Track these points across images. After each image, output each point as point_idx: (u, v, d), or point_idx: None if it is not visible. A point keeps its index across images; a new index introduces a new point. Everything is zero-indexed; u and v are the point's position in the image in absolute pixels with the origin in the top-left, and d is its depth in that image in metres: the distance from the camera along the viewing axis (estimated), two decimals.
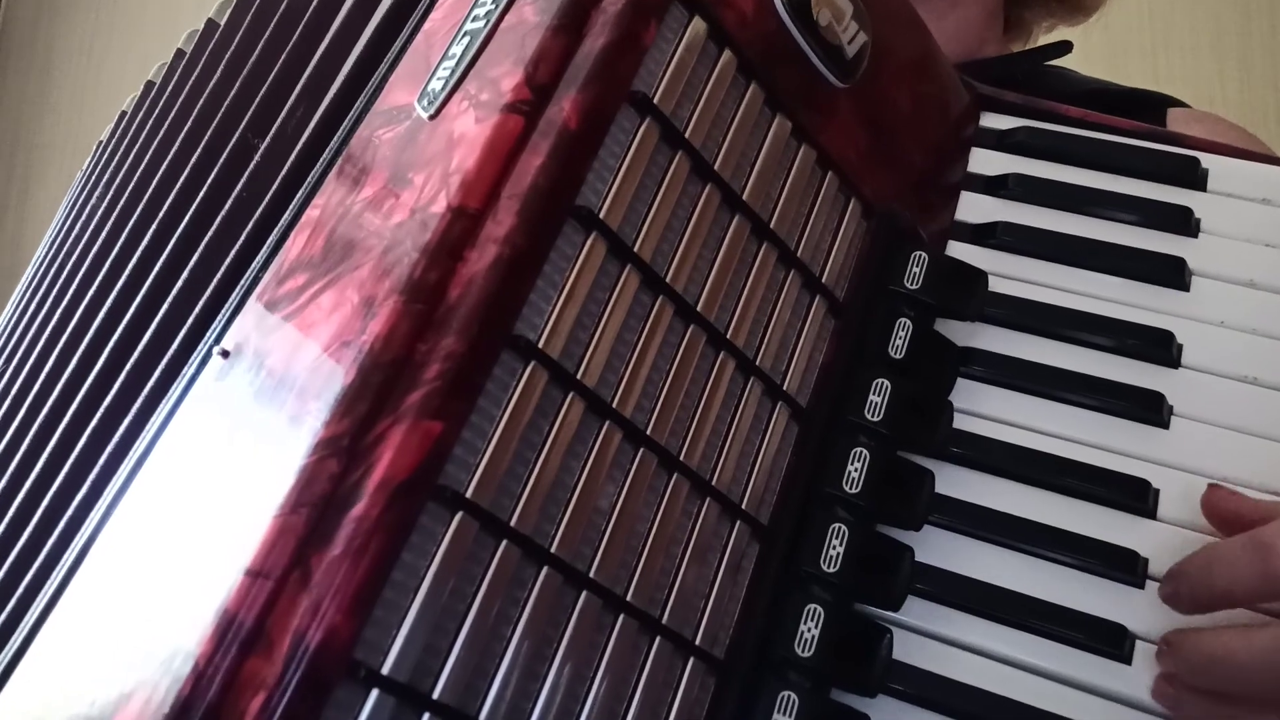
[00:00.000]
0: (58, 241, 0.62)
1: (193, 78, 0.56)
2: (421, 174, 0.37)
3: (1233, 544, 0.39)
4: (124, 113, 0.67)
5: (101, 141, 0.67)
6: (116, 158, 0.60)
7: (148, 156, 0.54)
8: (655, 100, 0.39)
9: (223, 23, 0.58)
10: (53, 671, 0.35)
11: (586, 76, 0.38)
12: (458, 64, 0.40)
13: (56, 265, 0.60)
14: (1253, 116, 1.51)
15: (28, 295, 0.63)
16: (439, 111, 0.39)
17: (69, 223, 0.62)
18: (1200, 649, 0.39)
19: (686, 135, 0.40)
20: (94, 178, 0.62)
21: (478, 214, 0.35)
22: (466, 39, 0.41)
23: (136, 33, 2.40)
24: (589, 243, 0.37)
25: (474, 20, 0.41)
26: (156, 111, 0.58)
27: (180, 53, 0.63)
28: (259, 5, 0.54)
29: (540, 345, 0.35)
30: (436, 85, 0.40)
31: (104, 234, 0.54)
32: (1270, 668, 0.36)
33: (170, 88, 0.60)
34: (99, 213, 0.57)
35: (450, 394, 0.33)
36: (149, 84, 0.65)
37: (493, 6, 0.41)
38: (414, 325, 0.34)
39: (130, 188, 0.54)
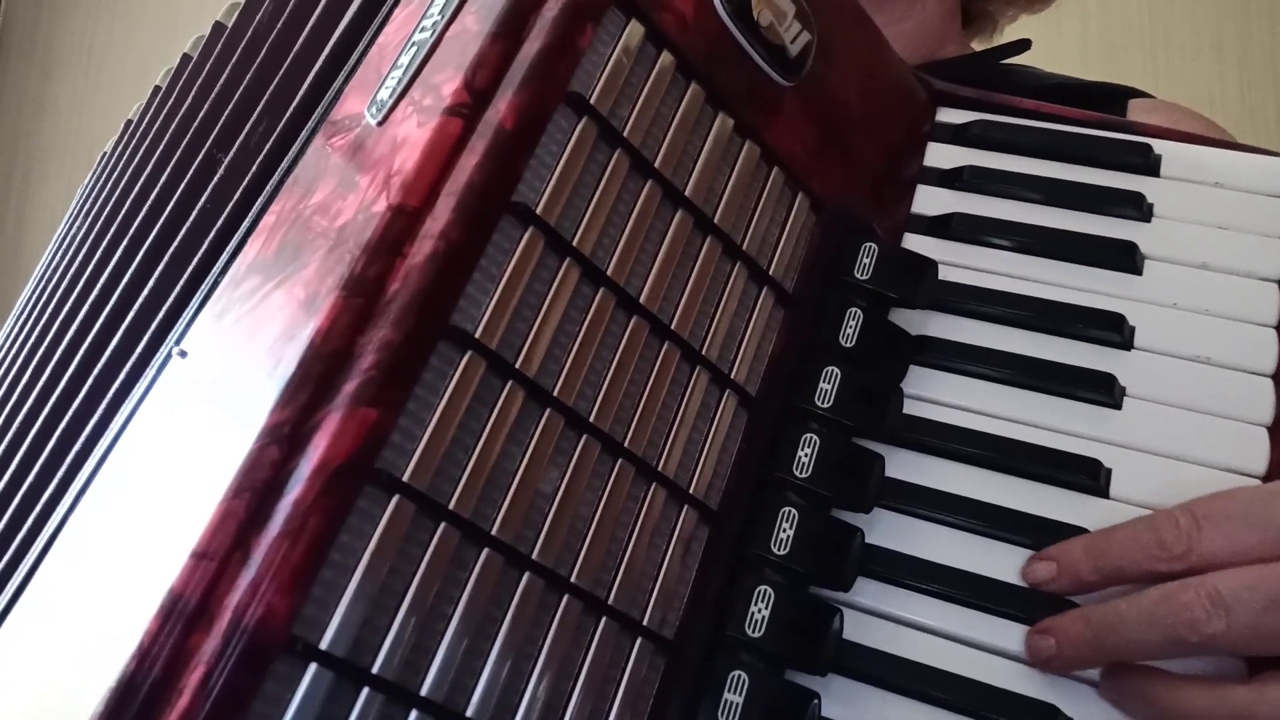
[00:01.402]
0: (54, 256, 0.65)
1: (172, 98, 0.59)
2: (367, 177, 0.39)
3: (1121, 530, 0.42)
4: (128, 121, 0.70)
5: (104, 152, 0.70)
6: (109, 172, 0.62)
7: (126, 177, 0.57)
8: (592, 100, 0.41)
9: (197, 51, 0.60)
10: (19, 659, 0.37)
11: (523, 79, 0.39)
12: (405, 73, 0.42)
13: (50, 278, 0.62)
14: (1253, 116, 1.51)
15: (26, 308, 0.66)
16: (386, 118, 0.41)
17: (65, 239, 0.65)
18: (1091, 617, 0.40)
19: (625, 133, 0.41)
20: (91, 190, 0.65)
21: (416, 211, 0.37)
22: (414, 49, 0.42)
23: (136, 33, 2.43)
24: (525, 237, 0.38)
25: (421, 31, 0.43)
26: (142, 130, 0.61)
27: (173, 71, 0.65)
28: (230, 31, 0.57)
29: (477, 335, 0.36)
30: (385, 94, 0.42)
31: (85, 249, 0.57)
32: (1156, 621, 0.37)
33: (149, 114, 0.62)
34: (86, 230, 0.59)
35: (386, 382, 0.34)
36: (155, 89, 0.67)
37: (439, 18, 0.43)
38: (353, 318, 0.35)
39: (111, 204, 0.56)
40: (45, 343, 0.54)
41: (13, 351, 0.60)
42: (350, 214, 0.38)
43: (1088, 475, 0.45)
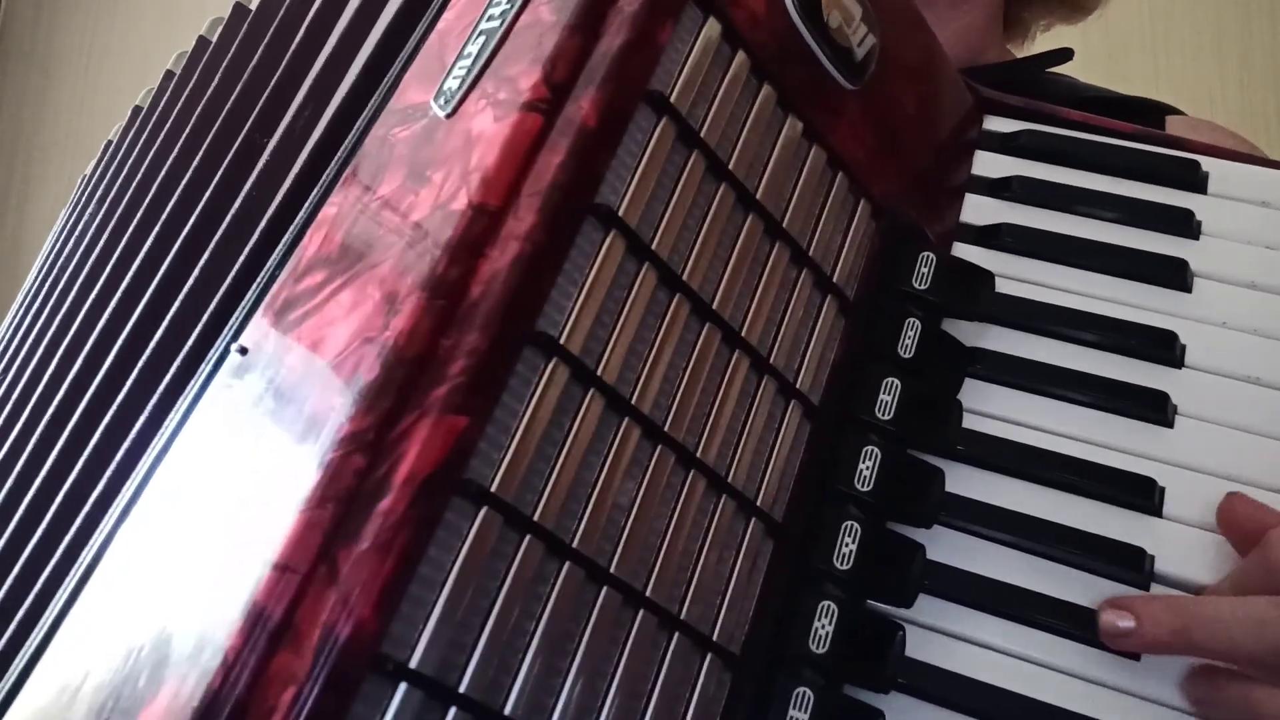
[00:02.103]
0: (61, 242, 0.62)
1: (192, 81, 0.57)
2: (440, 171, 0.38)
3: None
4: (136, 108, 0.67)
5: (110, 141, 0.67)
6: (121, 159, 0.60)
7: (150, 157, 0.54)
8: (672, 99, 0.39)
9: (219, 30, 0.58)
10: (76, 665, 0.35)
11: (604, 75, 0.38)
12: (474, 62, 0.40)
13: (60, 265, 0.59)
14: (1253, 116, 1.53)
15: (30, 296, 0.63)
16: (456, 110, 0.39)
17: (74, 222, 0.62)
18: (1187, 608, 0.39)
19: (702, 135, 0.40)
20: (100, 178, 0.62)
21: (498, 211, 0.36)
22: (482, 38, 0.41)
23: (136, 33, 2.39)
24: (608, 240, 0.37)
25: (489, 20, 0.41)
26: (159, 115, 0.59)
27: (190, 51, 0.63)
28: (257, 11, 0.55)
29: (561, 342, 0.35)
30: (453, 84, 0.40)
31: (107, 233, 0.54)
32: (1264, 628, 0.37)
33: (170, 92, 0.60)
34: (103, 213, 0.57)
35: (474, 389, 0.33)
36: (167, 74, 0.65)
37: (508, 6, 0.41)
38: (437, 321, 0.34)
39: (133, 188, 0.54)
40: (72, 332, 0.52)
41: (29, 336, 0.57)
42: (425, 210, 0.37)
43: (1142, 494, 0.45)
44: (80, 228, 0.61)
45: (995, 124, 0.55)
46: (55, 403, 0.49)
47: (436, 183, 0.37)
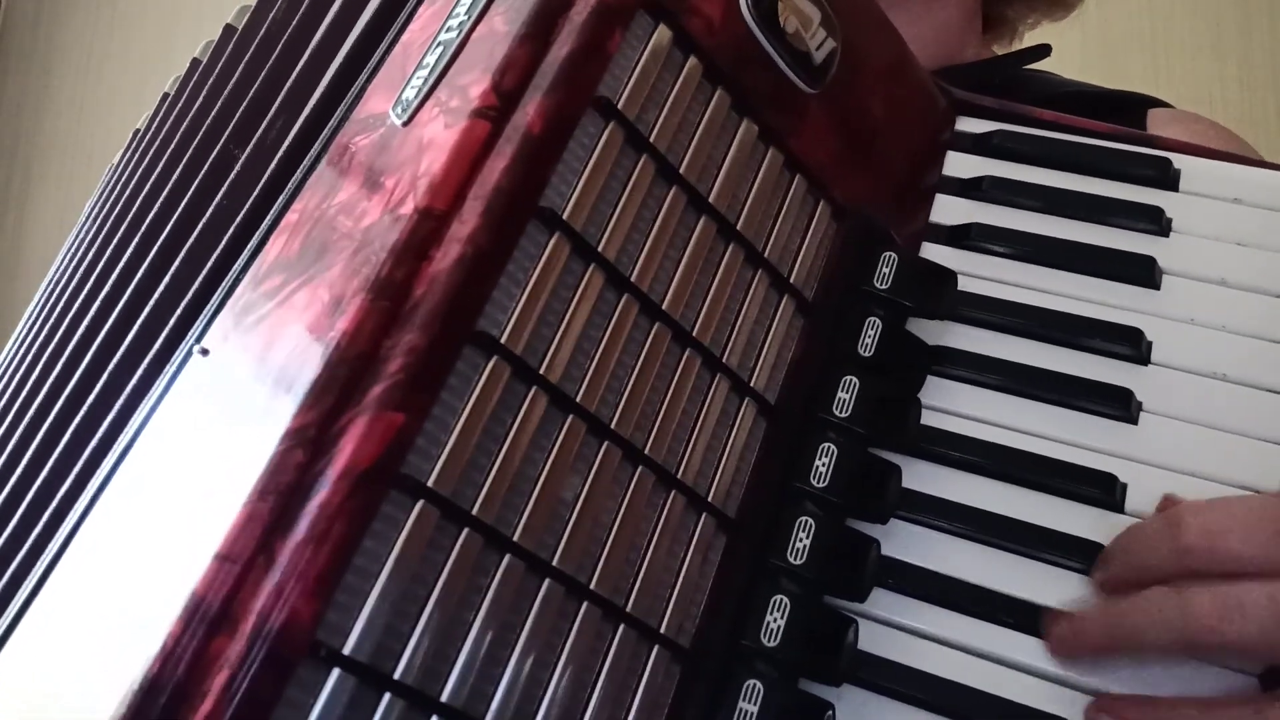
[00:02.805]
0: (66, 259, 0.65)
1: (180, 102, 0.59)
2: (393, 178, 0.39)
3: (1148, 522, 0.42)
4: (136, 131, 0.70)
5: (112, 165, 0.70)
6: (116, 184, 0.62)
7: (135, 179, 0.56)
8: (619, 105, 0.40)
9: (206, 56, 0.60)
10: (36, 657, 0.37)
11: (551, 82, 0.39)
12: (430, 72, 0.41)
13: (61, 280, 0.62)
14: (1253, 116, 1.51)
15: (39, 309, 0.65)
16: (412, 118, 0.41)
17: (77, 243, 0.64)
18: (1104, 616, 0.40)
19: (651, 139, 0.41)
20: (98, 205, 0.65)
21: (444, 215, 0.37)
22: (440, 49, 0.42)
23: (136, 33, 2.43)
24: (552, 242, 0.38)
25: (448, 31, 0.43)
26: (150, 136, 0.61)
27: (182, 78, 0.65)
28: (241, 32, 0.57)
29: (502, 340, 0.36)
30: (410, 93, 0.41)
31: (95, 250, 0.56)
32: (1169, 621, 0.38)
33: (157, 120, 0.62)
34: (97, 231, 0.59)
35: (412, 387, 0.34)
36: (163, 96, 0.67)
37: (465, 18, 0.42)
38: (379, 321, 0.35)
39: (121, 205, 0.56)
40: (55, 341, 0.54)
41: (24, 351, 0.60)
42: (376, 215, 0.38)
43: (1103, 490, 0.45)
44: (84, 242, 0.63)
45: (968, 124, 0.56)
46: (34, 406, 0.51)
47: (388, 188, 0.39)
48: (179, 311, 0.44)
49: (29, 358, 0.57)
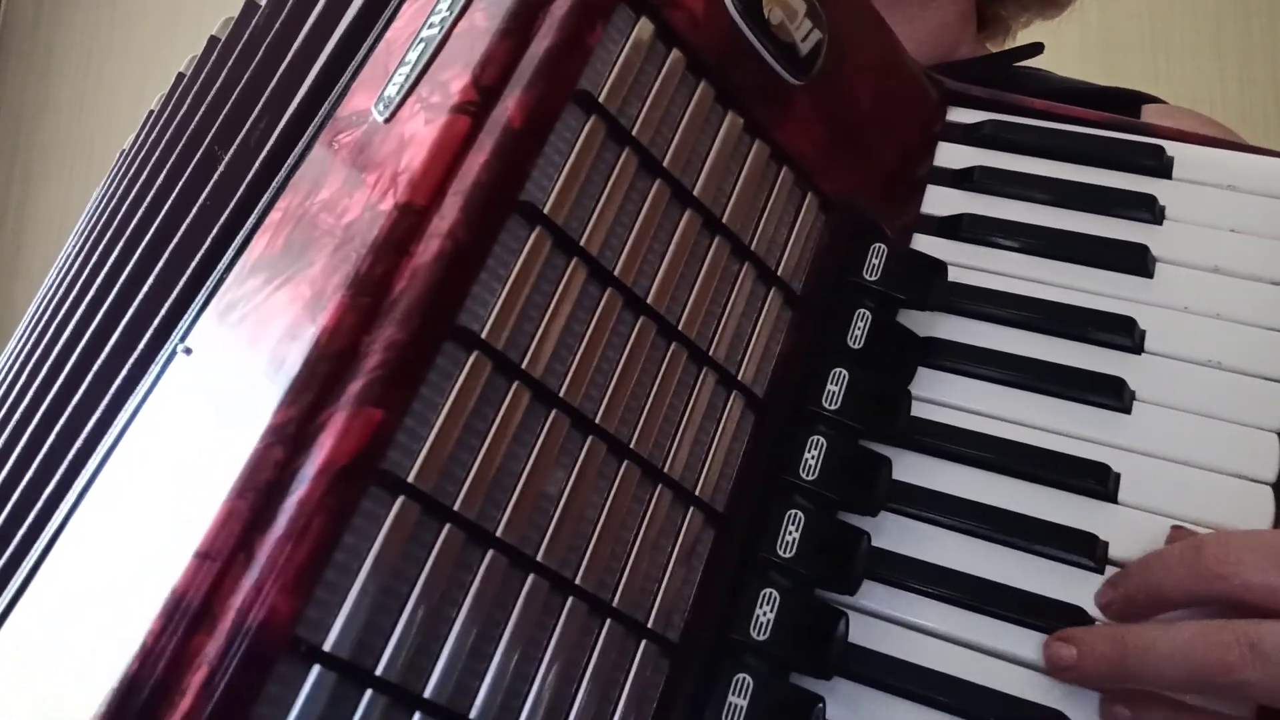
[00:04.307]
0: (61, 266, 0.65)
1: (167, 111, 0.59)
2: (374, 174, 0.39)
3: (1170, 548, 0.41)
4: (122, 152, 0.70)
5: (101, 187, 0.70)
6: (109, 197, 0.63)
7: (124, 185, 0.57)
8: (600, 99, 0.40)
9: (194, 63, 0.61)
10: (17, 656, 0.37)
11: (531, 77, 0.39)
12: (412, 69, 0.41)
13: (55, 286, 0.62)
14: (1253, 116, 1.50)
15: (34, 316, 0.66)
16: (393, 115, 0.41)
17: (71, 252, 0.65)
18: (1123, 639, 0.39)
19: (633, 132, 0.41)
20: (95, 210, 0.65)
21: (424, 210, 0.37)
22: (422, 45, 0.42)
23: (136, 33, 2.44)
24: (533, 236, 0.38)
25: (430, 27, 0.42)
26: (137, 146, 0.61)
27: (179, 75, 0.65)
28: (224, 41, 0.57)
29: (483, 336, 0.36)
30: (392, 90, 0.41)
31: (84, 254, 0.57)
32: (1188, 656, 0.37)
33: (144, 134, 0.63)
34: (89, 239, 0.60)
35: (391, 382, 0.34)
36: (146, 118, 0.67)
37: (448, 14, 0.42)
38: (359, 318, 0.35)
39: (109, 212, 0.56)
40: (45, 341, 0.54)
41: (22, 352, 0.60)
42: (357, 212, 0.38)
43: (1096, 480, 0.45)
44: (77, 250, 0.63)
45: (959, 115, 0.56)
46: (24, 405, 0.51)
47: (369, 184, 0.39)
48: (164, 311, 0.44)
49: (25, 358, 0.57)
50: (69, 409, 0.46)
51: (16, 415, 0.52)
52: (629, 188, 0.41)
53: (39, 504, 0.43)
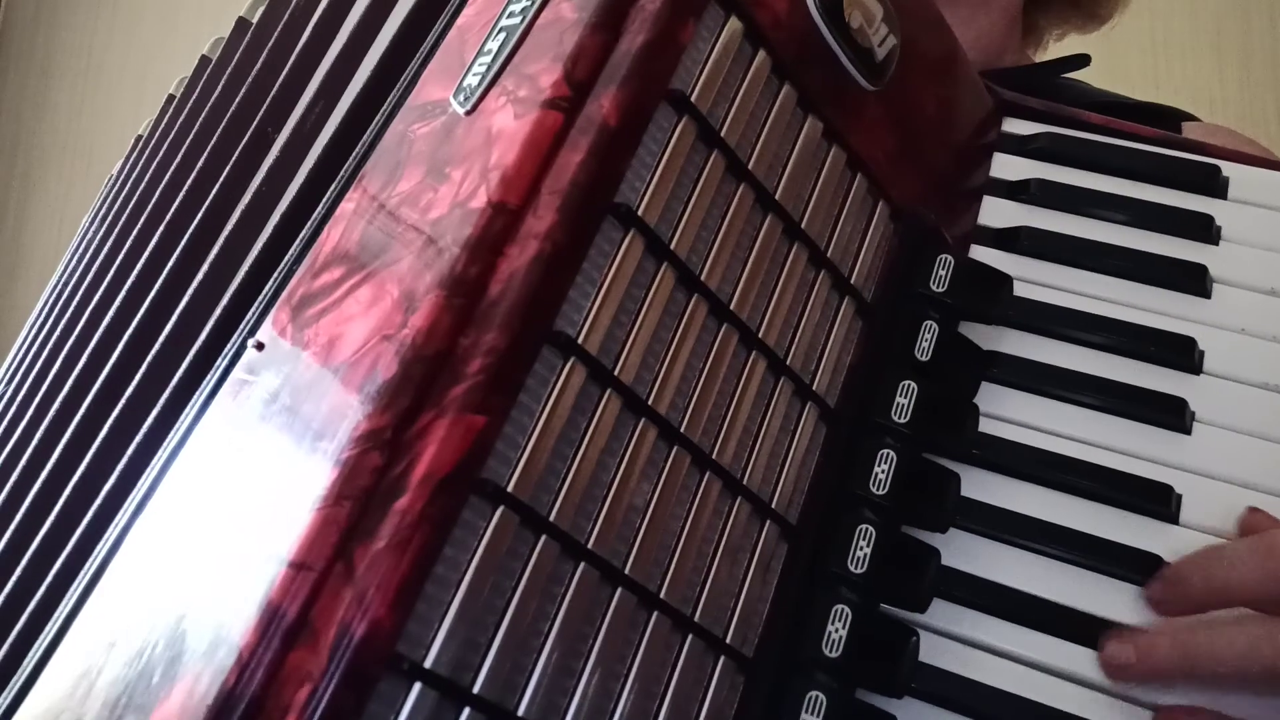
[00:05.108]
0: (79, 249, 0.62)
1: (195, 94, 0.57)
2: (460, 169, 0.37)
3: (1239, 543, 0.41)
4: (138, 137, 0.67)
5: (115, 171, 0.67)
6: (128, 183, 0.60)
7: (149, 175, 0.54)
8: (693, 99, 0.39)
9: (217, 53, 0.58)
10: (90, 661, 0.35)
11: (625, 74, 0.38)
12: (494, 59, 0.40)
13: (79, 270, 0.59)
14: (1253, 116, 1.52)
15: (49, 301, 0.63)
16: (476, 107, 0.39)
17: (89, 232, 0.62)
18: (1184, 638, 0.39)
19: (722, 134, 0.40)
20: (105, 204, 0.62)
21: (518, 209, 0.35)
22: (503, 35, 0.41)
23: (136, 33, 2.40)
24: (627, 240, 0.37)
25: (510, 16, 0.41)
26: (160, 134, 0.59)
27: (204, 60, 0.63)
28: (260, 17, 0.55)
29: (580, 341, 0.35)
30: (473, 81, 0.40)
31: (116, 233, 0.54)
32: (1257, 652, 0.37)
33: (173, 111, 0.60)
34: (107, 234, 0.57)
35: (492, 388, 0.33)
36: (169, 98, 0.65)
37: (529, 3, 0.41)
38: (455, 319, 0.34)
39: (142, 189, 0.54)
40: (77, 330, 0.52)
41: (37, 351, 0.57)
42: (444, 208, 0.37)
43: (1160, 501, 0.45)
44: (89, 245, 0.61)
45: (1014, 126, 0.55)
46: (61, 396, 0.49)
47: (456, 180, 0.37)
48: (223, 303, 0.42)
49: (50, 342, 0.54)
50: (119, 406, 0.43)
51: (50, 413, 0.49)
52: (716, 191, 0.40)
53: (95, 504, 0.41)
